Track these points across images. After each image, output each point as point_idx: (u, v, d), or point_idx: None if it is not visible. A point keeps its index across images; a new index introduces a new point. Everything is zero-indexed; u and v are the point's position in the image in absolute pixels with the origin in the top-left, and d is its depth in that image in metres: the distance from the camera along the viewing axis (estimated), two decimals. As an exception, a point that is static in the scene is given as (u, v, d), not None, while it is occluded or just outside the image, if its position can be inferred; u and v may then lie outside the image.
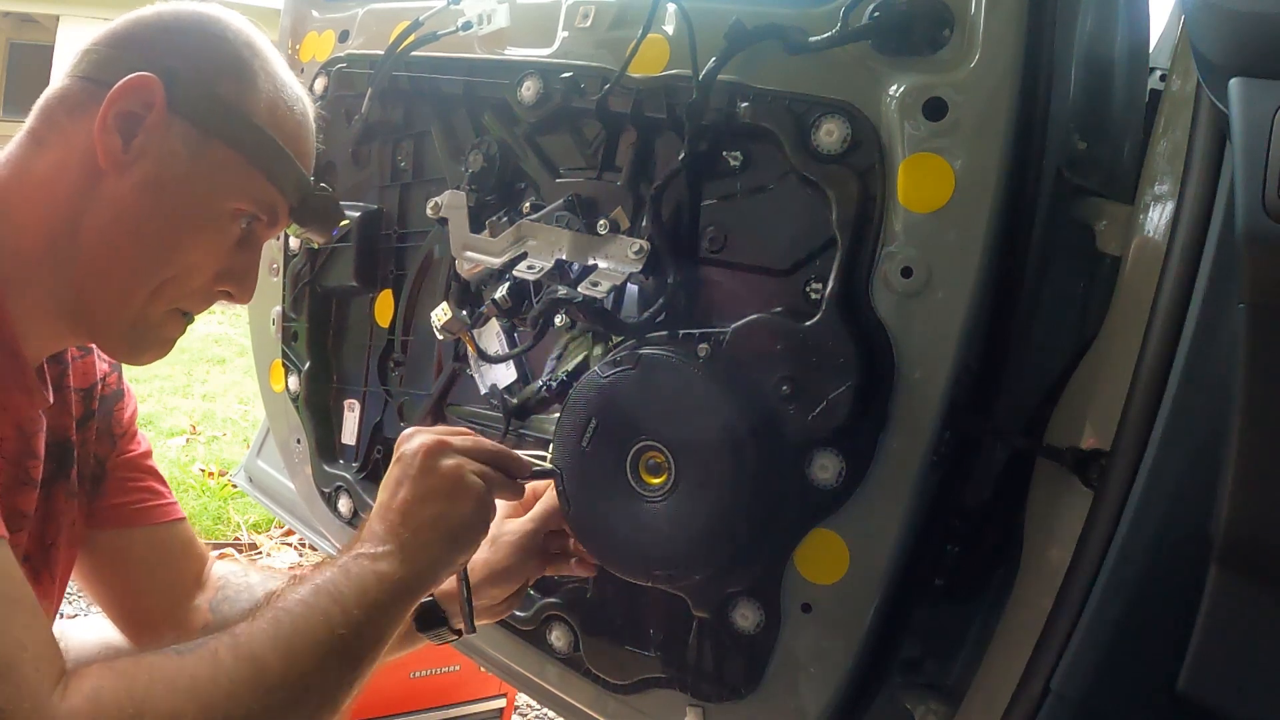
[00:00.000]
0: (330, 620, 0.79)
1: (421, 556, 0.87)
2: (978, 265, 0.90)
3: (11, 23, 11.60)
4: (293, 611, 0.79)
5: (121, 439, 1.12)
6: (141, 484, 1.13)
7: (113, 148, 0.85)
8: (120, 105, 0.84)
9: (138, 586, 1.12)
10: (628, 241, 1.08)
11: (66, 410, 1.01)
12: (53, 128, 0.87)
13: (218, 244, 0.90)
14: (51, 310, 0.89)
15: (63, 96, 0.88)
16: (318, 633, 0.78)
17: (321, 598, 0.80)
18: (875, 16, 0.92)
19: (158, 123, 0.85)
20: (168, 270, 0.89)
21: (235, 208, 0.90)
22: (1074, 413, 0.93)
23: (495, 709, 2.38)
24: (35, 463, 0.93)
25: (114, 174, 0.85)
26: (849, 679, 0.99)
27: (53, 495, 0.99)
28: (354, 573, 0.83)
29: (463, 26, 1.22)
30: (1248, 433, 0.71)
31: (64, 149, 0.86)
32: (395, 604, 0.85)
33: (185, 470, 4.26)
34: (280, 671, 0.75)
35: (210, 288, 0.93)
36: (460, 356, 1.31)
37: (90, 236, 0.86)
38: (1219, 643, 0.76)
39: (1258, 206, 0.66)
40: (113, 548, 1.10)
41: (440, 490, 0.89)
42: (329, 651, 0.78)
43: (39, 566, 0.98)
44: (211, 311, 7.35)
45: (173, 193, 0.87)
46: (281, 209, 0.94)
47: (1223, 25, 0.70)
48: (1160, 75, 1.07)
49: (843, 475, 0.96)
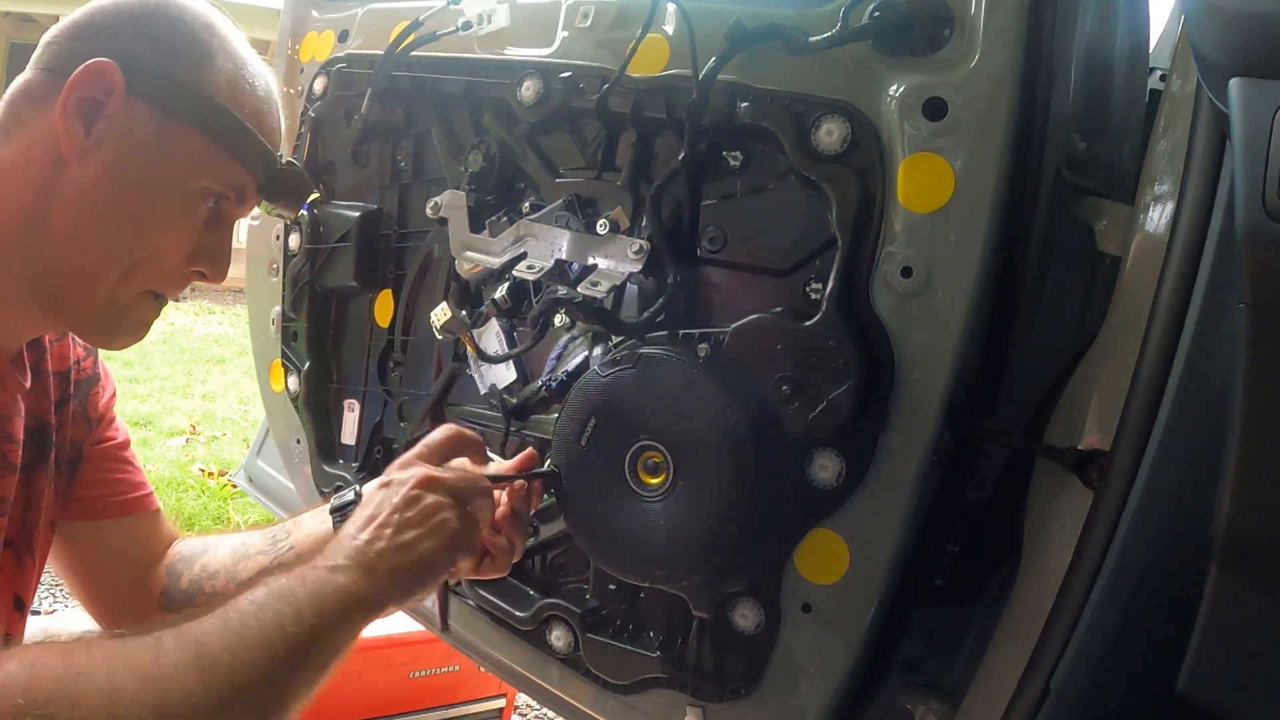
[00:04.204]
0: (281, 619, 0.78)
1: (382, 578, 0.86)
2: (978, 265, 0.90)
3: (11, 23, 11.62)
4: (243, 609, 0.78)
5: (99, 424, 1.12)
6: (118, 475, 1.13)
7: (74, 134, 0.85)
8: (80, 92, 0.85)
9: (110, 574, 1.13)
10: (628, 241, 1.08)
11: (45, 394, 1.01)
12: (16, 121, 0.88)
13: (186, 225, 0.91)
14: (23, 299, 0.89)
15: (25, 89, 0.89)
16: (267, 629, 0.77)
17: (274, 599, 0.79)
18: (875, 16, 0.92)
19: (118, 107, 0.86)
20: (136, 253, 0.89)
21: (201, 187, 0.90)
22: (1074, 413, 0.93)
23: (495, 709, 2.38)
24: (14, 447, 0.93)
25: (77, 161, 0.86)
26: (849, 679, 0.99)
27: (34, 479, 0.99)
28: (310, 580, 0.82)
29: (462, 26, 1.22)
30: (1248, 433, 0.71)
31: (27, 140, 0.87)
32: (350, 615, 0.83)
33: (185, 470, 4.26)
34: (224, 661, 0.74)
35: (182, 269, 0.93)
36: (460, 356, 1.31)
37: (58, 224, 0.87)
38: (1219, 643, 0.76)
39: (1258, 206, 0.66)
40: (87, 537, 1.11)
41: (415, 522, 0.89)
42: (278, 649, 0.77)
43: (22, 551, 0.99)
44: (211, 311, 7.35)
45: (137, 176, 0.87)
46: (249, 186, 0.94)
47: (1223, 25, 0.70)
48: (1160, 75, 1.07)
49: (843, 475, 0.95)
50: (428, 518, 0.89)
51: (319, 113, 1.44)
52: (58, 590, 2.95)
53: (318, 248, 1.44)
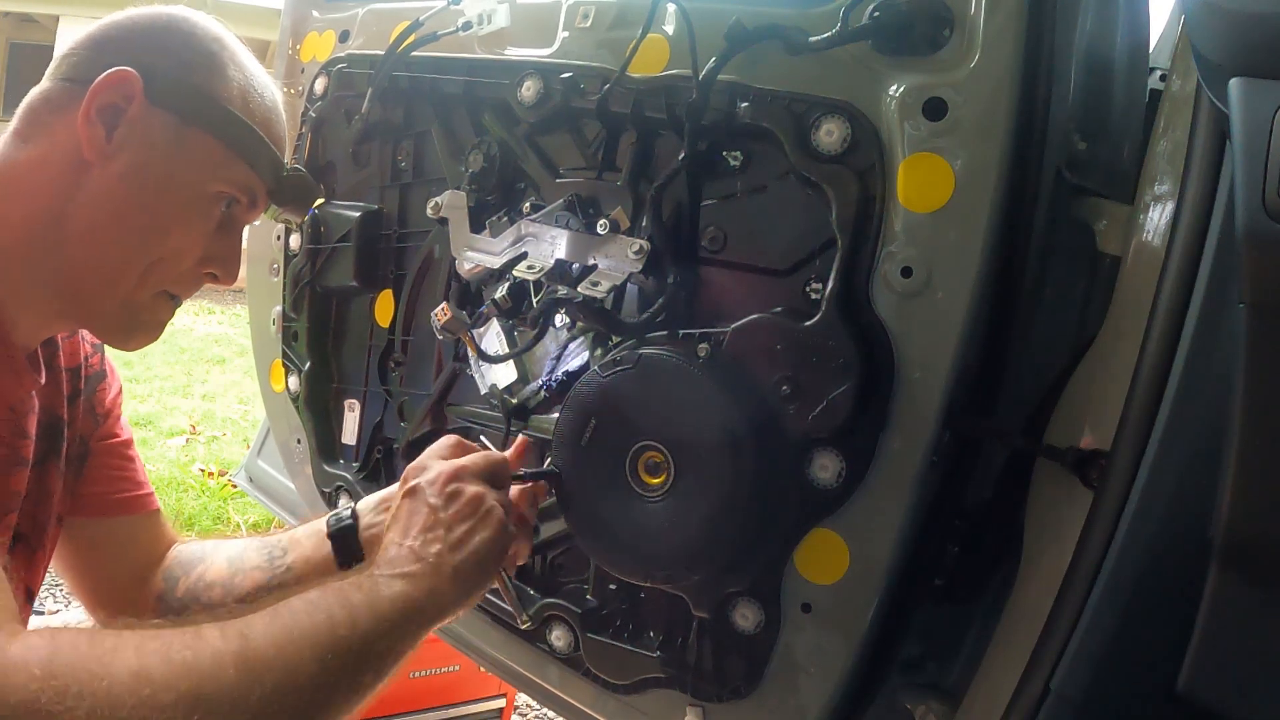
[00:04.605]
0: (333, 620, 0.77)
1: (447, 579, 0.85)
2: (978, 265, 0.90)
3: (11, 23, 11.62)
4: (294, 606, 0.77)
5: (105, 420, 1.13)
6: (122, 474, 1.15)
7: (96, 139, 0.88)
8: (102, 98, 0.88)
9: (110, 572, 1.14)
10: (628, 241, 1.08)
11: (59, 389, 1.03)
12: (37, 127, 0.91)
13: (201, 227, 0.93)
14: (42, 298, 0.91)
15: (46, 98, 0.92)
16: (318, 629, 0.76)
17: (328, 596, 0.79)
18: (875, 16, 0.92)
19: (138, 113, 0.89)
20: (154, 254, 0.92)
21: (216, 190, 0.93)
22: (1074, 413, 0.93)
23: (495, 709, 2.38)
24: (27, 442, 0.95)
25: (99, 164, 0.89)
26: (849, 679, 0.99)
27: (46, 474, 1.01)
28: (366, 586, 0.82)
29: (463, 26, 1.22)
30: (1248, 433, 0.71)
31: (48, 145, 0.90)
32: (407, 622, 0.82)
33: (185, 470, 4.26)
34: (270, 656, 0.72)
35: (196, 271, 0.96)
36: (460, 356, 1.31)
37: (77, 226, 0.89)
38: (1219, 643, 0.76)
39: (1258, 206, 0.66)
40: (89, 534, 1.12)
41: (463, 515, 0.88)
42: (327, 650, 0.75)
43: (34, 545, 1.00)
44: (211, 311, 7.34)
45: (156, 179, 0.90)
46: (260, 191, 0.97)
47: (1223, 25, 0.70)
48: (1160, 75, 1.07)
49: (843, 475, 0.96)
50: (475, 509, 0.89)
51: (320, 113, 1.44)
52: (58, 590, 2.95)
53: (318, 248, 1.44)
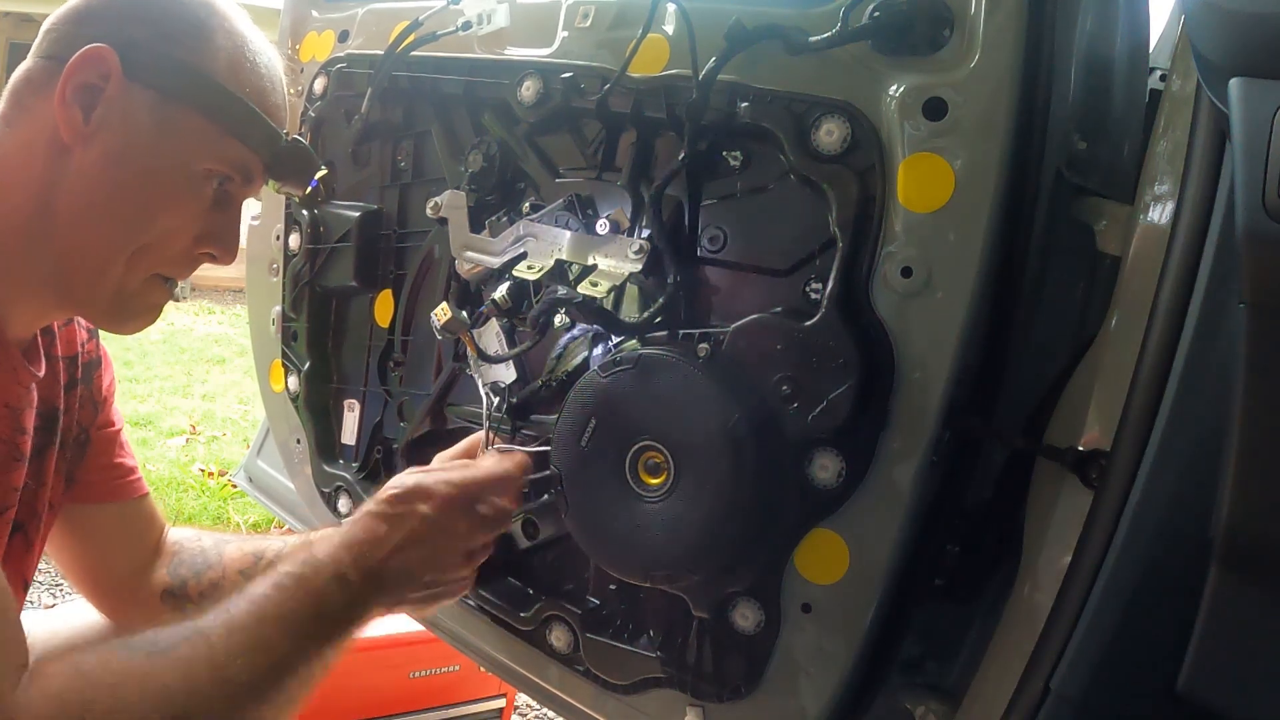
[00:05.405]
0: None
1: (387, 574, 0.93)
2: (978, 265, 0.90)
3: (11, 23, 11.62)
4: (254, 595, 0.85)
5: (103, 406, 1.13)
6: (115, 461, 1.15)
7: (74, 121, 0.85)
8: (77, 79, 0.85)
9: (104, 556, 1.15)
10: (628, 241, 1.08)
11: (56, 379, 1.02)
12: (20, 109, 0.88)
13: (192, 207, 0.90)
14: (33, 288, 0.90)
15: (27, 78, 0.89)
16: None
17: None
18: (875, 16, 0.91)
19: (116, 92, 0.86)
20: (143, 237, 0.89)
21: (204, 169, 0.90)
22: (1074, 413, 0.93)
23: (495, 709, 2.38)
24: (24, 438, 0.94)
25: (79, 147, 0.86)
26: (849, 679, 0.99)
27: (43, 464, 1.00)
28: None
29: (462, 26, 1.22)
30: (1248, 433, 0.71)
31: (31, 129, 0.87)
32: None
33: (185, 470, 4.26)
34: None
35: (191, 251, 0.93)
36: (460, 356, 1.31)
37: (64, 212, 0.87)
38: (1219, 643, 0.76)
39: (1258, 206, 0.66)
40: (83, 520, 1.12)
41: (418, 536, 0.94)
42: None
43: (32, 536, 1.00)
44: (211, 311, 7.34)
45: (139, 160, 0.87)
46: (254, 166, 0.94)
47: (1223, 25, 0.70)
48: (1160, 75, 1.07)
49: (843, 475, 0.95)
50: (427, 529, 0.97)
51: (319, 113, 1.44)
52: (59, 592, 2.94)
53: (318, 248, 1.44)
